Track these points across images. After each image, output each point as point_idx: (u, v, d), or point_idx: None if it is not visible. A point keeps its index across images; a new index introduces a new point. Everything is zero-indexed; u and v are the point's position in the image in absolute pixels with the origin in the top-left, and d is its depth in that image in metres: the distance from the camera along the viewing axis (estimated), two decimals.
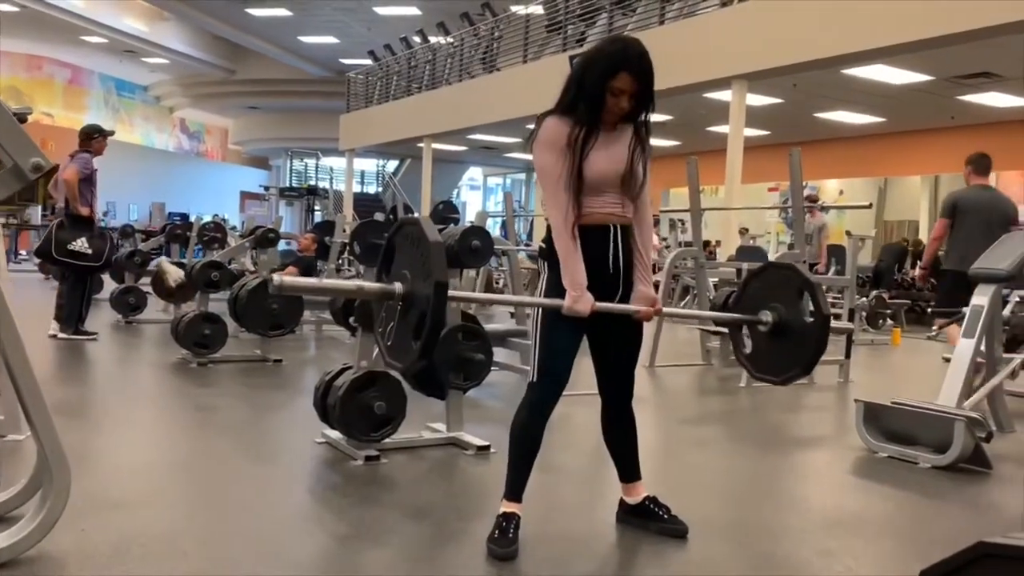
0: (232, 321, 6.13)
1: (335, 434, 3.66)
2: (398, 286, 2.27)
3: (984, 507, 3.46)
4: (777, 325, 2.79)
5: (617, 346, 2.72)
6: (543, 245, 2.66)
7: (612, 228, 2.58)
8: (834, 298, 8.25)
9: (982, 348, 4.25)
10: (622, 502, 2.88)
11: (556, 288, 2.54)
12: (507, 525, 2.60)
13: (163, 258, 9.30)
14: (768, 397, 5.81)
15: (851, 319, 6.61)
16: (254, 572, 2.37)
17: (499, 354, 4.34)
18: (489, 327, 5.51)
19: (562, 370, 2.60)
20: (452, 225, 5.73)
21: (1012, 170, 14.84)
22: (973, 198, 5.89)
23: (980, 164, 5.98)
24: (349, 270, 11.34)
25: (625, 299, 2.62)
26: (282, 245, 10.26)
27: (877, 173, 18.15)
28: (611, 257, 2.59)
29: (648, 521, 2.81)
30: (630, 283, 2.63)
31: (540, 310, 2.62)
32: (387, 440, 3.58)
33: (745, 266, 7.00)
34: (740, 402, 5.65)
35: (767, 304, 2.85)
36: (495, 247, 5.51)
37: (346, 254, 9.26)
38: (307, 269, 7.95)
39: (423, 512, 2.93)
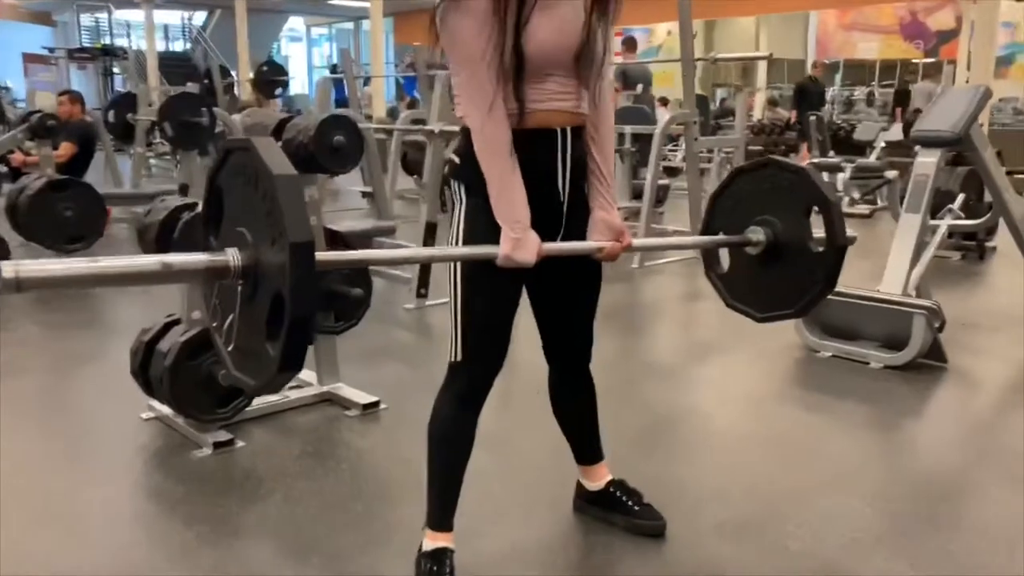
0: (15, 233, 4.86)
1: (169, 408, 2.72)
2: (232, 255, 1.31)
3: (973, 426, 3.02)
4: (770, 247, 2.03)
5: (569, 295, 1.93)
6: (454, 159, 1.79)
7: (559, 133, 1.74)
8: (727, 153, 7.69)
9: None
10: (580, 487, 2.19)
11: (479, 225, 1.72)
12: (438, 568, 1.83)
13: None
14: (665, 281, 5.24)
15: None
16: None
17: None
18: (345, 225, 4.58)
19: (497, 346, 1.82)
20: (296, 113, 4.61)
21: None
22: None
23: None
24: (154, 157, 9.86)
25: (577, 231, 1.81)
26: None
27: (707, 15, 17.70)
28: (560, 175, 1.77)
29: (613, 512, 2.13)
30: (584, 209, 1.82)
31: (456, 242, 1.79)
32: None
33: (628, 129, 6.26)
34: (636, 291, 5.03)
35: (758, 214, 2.07)
36: None
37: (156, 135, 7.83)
38: (86, 141, 6.45)
39: (307, 541, 2.10)
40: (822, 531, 2.14)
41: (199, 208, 2.62)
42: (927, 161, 3.67)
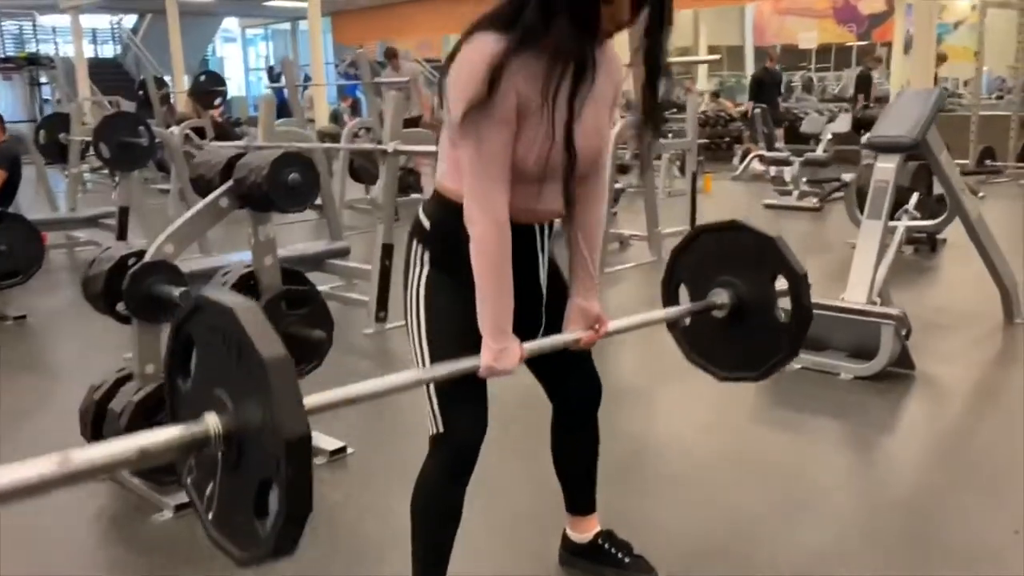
0: None
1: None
2: (212, 423, 1.16)
3: (947, 440, 3.01)
4: (735, 311, 1.99)
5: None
6: (422, 222, 1.70)
7: (538, 229, 1.70)
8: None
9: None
10: (566, 539, 2.10)
11: (442, 300, 1.68)
12: None
13: None
14: (626, 289, 5.20)
15: (694, 185, 6.04)
16: None
17: (316, 280, 3.23)
18: (295, 248, 4.43)
19: (477, 410, 1.72)
20: (235, 123, 4.45)
21: None
22: None
23: None
24: (88, 172, 9.52)
25: (557, 317, 1.75)
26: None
27: None
28: (540, 270, 1.74)
29: (602, 566, 2.05)
30: (562, 296, 1.77)
31: (417, 316, 1.71)
32: None
33: None
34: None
35: (722, 274, 2.02)
36: None
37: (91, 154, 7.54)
38: (12, 165, 6.09)
39: None
40: (804, 562, 2.09)
41: (146, 256, 2.48)
42: (886, 167, 3.67)
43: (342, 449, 2.80)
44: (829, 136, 8.26)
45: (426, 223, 1.69)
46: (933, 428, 3.07)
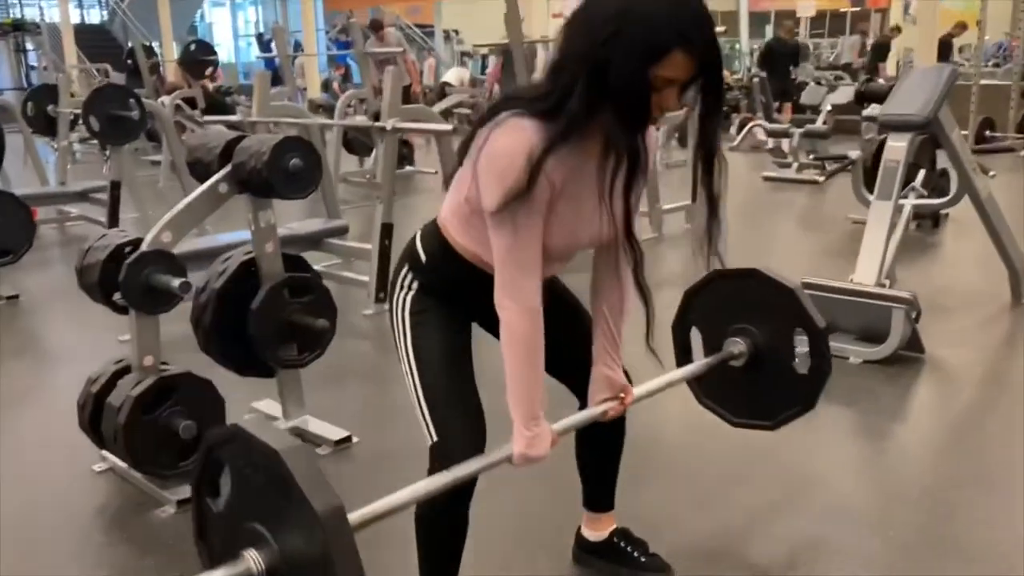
0: None
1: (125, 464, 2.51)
2: (252, 558, 1.15)
3: (959, 429, 2.97)
4: (751, 361, 2.04)
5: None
6: (418, 252, 1.67)
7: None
8: None
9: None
10: (580, 537, 2.06)
11: (430, 327, 1.66)
12: None
13: None
14: None
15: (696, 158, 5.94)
16: None
17: (312, 259, 3.16)
18: (290, 228, 4.31)
19: (471, 408, 1.64)
20: (227, 93, 4.35)
21: None
22: None
23: None
24: (78, 142, 9.36)
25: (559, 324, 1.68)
26: None
27: None
28: None
29: (617, 565, 2.01)
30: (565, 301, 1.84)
31: (404, 337, 1.67)
32: None
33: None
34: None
35: (738, 320, 2.06)
36: None
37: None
38: None
39: None
40: (816, 558, 2.06)
41: (143, 245, 2.40)
42: (897, 146, 3.59)
43: (347, 439, 2.74)
44: (829, 107, 8.15)
45: (422, 255, 1.65)
46: (944, 416, 3.03)
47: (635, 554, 2.00)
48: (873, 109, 5.74)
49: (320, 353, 2.76)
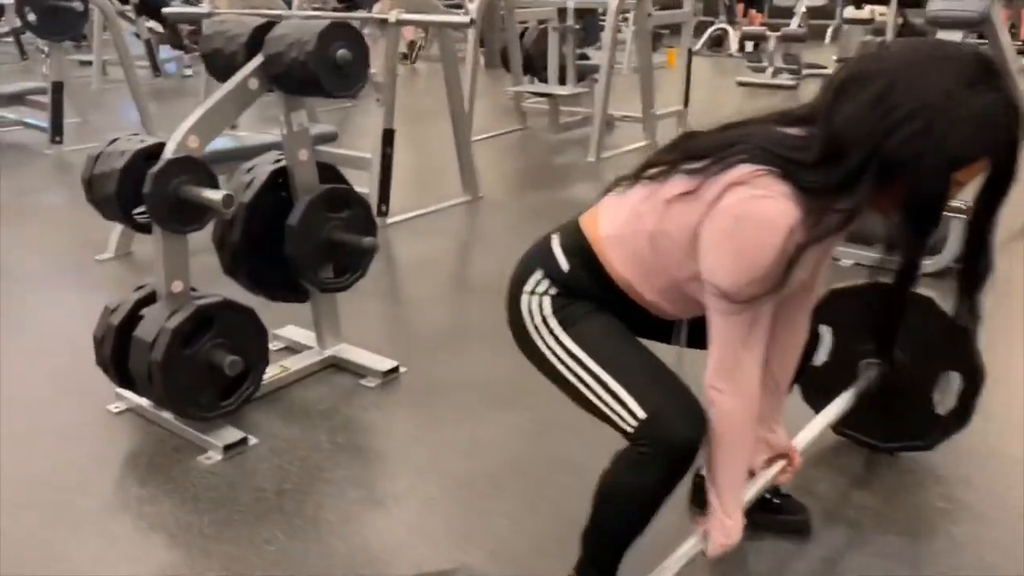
0: None
1: (160, 407, 2.18)
2: None
3: None
4: (888, 385, 1.94)
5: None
6: (558, 257, 1.42)
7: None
8: None
9: None
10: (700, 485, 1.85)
11: (580, 309, 1.40)
12: None
13: None
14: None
15: (689, 63, 5.67)
16: None
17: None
18: (263, 137, 3.82)
19: (671, 375, 1.36)
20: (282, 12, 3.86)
21: None
22: None
23: None
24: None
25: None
26: None
27: None
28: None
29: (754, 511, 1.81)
30: None
31: (548, 332, 1.41)
32: None
33: (571, 3, 5.66)
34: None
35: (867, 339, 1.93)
36: None
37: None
38: None
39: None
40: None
41: (167, 152, 2.03)
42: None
43: (394, 369, 2.46)
44: (803, 9, 7.92)
45: (562, 262, 1.41)
46: (1009, 331, 2.91)
47: (768, 496, 1.80)
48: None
49: (362, 274, 2.46)
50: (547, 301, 1.40)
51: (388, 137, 3.75)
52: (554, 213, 1.74)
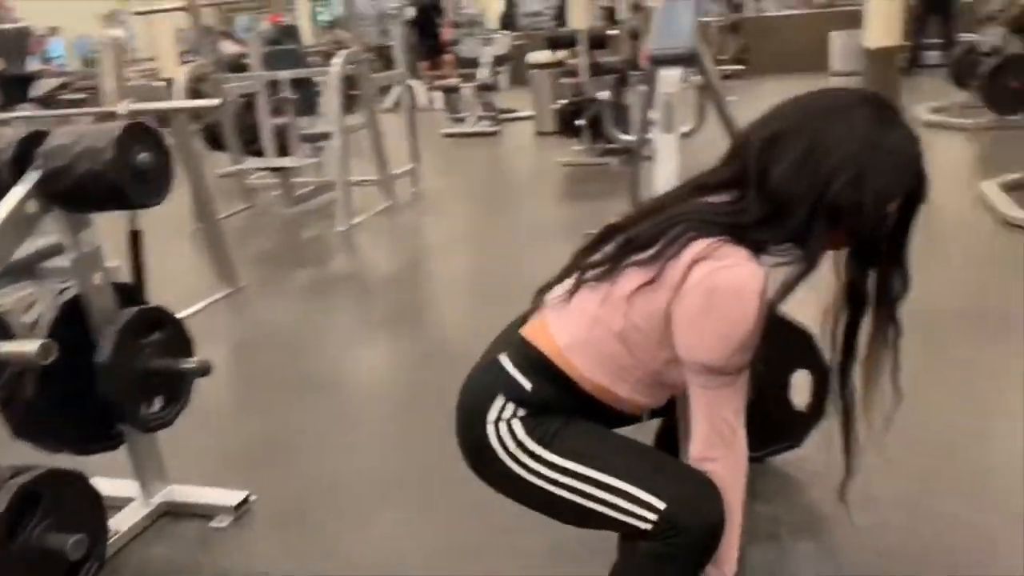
0: None
1: None
2: None
3: None
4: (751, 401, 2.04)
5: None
6: (518, 379, 1.34)
7: None
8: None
9: None
10: None
11: (557, 421, 1.32)
12: None
13: None
14: (378, 234, 4.80)
15: (413, 120, 5.66)
16: None
17: None
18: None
19: (678, 461, 1.39)
20: None
21: None
22: None
23: None
24: None
25: None
26: None
27: None
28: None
29: None
30: None
31: (527, 454, 1.31)
32: None
33: (284, 75, 5.45)
34: (354, 260, 4.52)
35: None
36: None
37: None
38: None
39: None
40: None
41: None
42: (671, 79, 3.71)
43: (244, 500, 2.16)
44: (490, 59, 8.35)
45: (524, 382, 1.33)
46: None
47: None
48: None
49: (186, 402, 2.15)
50: (517, 424, 1.30)
51: (135, 238, 3.33)
52: (332, 291, 1.62)
